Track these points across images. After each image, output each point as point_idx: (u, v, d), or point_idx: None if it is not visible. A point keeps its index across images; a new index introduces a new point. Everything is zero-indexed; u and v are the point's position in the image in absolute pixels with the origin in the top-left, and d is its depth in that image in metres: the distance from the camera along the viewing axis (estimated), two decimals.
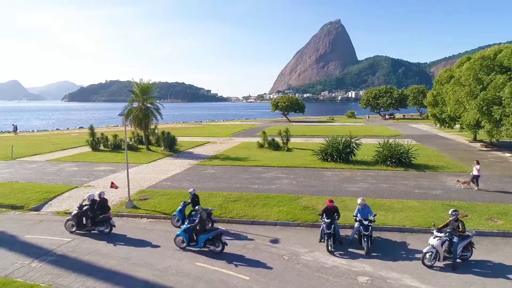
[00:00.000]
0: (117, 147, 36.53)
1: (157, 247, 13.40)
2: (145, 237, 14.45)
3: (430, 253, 11.58)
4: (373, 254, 12.63)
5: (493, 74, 27.88)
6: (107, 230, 14.67)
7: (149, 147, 35.89)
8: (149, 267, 11.81)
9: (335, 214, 13.33)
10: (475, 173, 19.90)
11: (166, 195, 19.31)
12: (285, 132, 36.35)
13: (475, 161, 20.58)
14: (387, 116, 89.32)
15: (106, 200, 15.45)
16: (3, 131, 67.14)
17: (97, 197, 15.21)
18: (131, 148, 35.82)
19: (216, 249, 12.75)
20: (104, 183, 22.36)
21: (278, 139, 36.48)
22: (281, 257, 12.53)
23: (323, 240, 13.33)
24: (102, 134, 38.14)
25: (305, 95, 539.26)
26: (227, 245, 12.82)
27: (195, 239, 12.99)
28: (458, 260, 11.70)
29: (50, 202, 18.94)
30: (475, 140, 40.78)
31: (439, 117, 38.32)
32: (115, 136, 37.40)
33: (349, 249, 13.07)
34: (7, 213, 17.54)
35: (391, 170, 25.41)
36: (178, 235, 13.23)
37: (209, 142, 43.23)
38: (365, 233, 12.63)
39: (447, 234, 11.74)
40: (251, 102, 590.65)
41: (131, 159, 29.89)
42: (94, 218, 14.64)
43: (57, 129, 75.46)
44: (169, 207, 17.50)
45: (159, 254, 12.81)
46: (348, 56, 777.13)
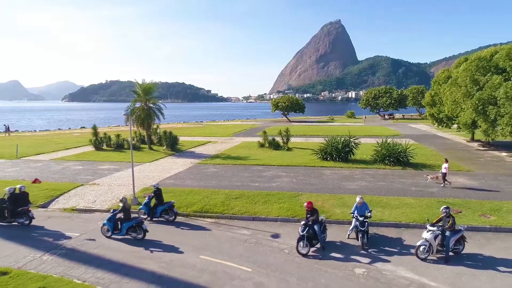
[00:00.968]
0: (119, 147, 37.07)
1: (162, 241, 13.95)
2: (149, 233, 14.96)
3: (423, 246, 12.15)
4: (369, 248, 13.18)
5: (489, 75, 28.44)
6: (27, 222, 15.58)
7: (152, 146, 36.43)
8: (155, 259, 12.37)
9: (310, 215, 13.17)
10: (443, 171, 20.79)
11: (169, 193, 19.83)
12: (285, 131, 36.88)
13: (444, 159, 21.55)
14: (386, 116, 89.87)
15: (26, 193, 16.20)
16: None
17: (17, 191, 16.03)
18: (133, 147, 36.32)
19: (138, 236, 13.84)
20: (109, 181, 22.93)
21: (278, 139, 37.03)
22: (282, 250, 13.08)
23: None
24: (104, 133, 38.72)
25: (305, 95, 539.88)
26: (148, 231, 13.99)
27: (119, 227, 13.99)
28: (450, 253, 12.25)
29: (57, 199, 19.48)
30: (472, 139, 41.31)
31: (437, 117, 38.88)
32: (118, 135, 37.96)
33: (346, 243, 13.61)
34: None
35: (389, 168, 25.96)
36: (104, 224, 14.27)
37: (210, 141, 43.79)
38: (361, 228, 13.10)
39: (439, 228, 12.29)
40: (251, 102, 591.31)
41: (135, 158, 30.39)
42: (13, 210, 15.42)
43: (59, 129, 75.97)
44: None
45: (163, 248, 13.36)
46: (348, 56, 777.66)
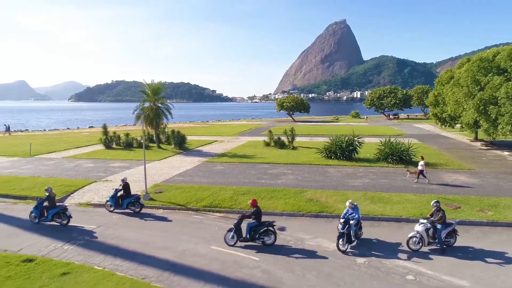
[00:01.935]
0: (129, 145, 38.02)
1: (174, 233, 14.76)
2: (162, 225, 15.83)
3: (414, 238, 12.91)
4: (372, 240, 13.90)
5: (490, 75, 28.97)
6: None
7: (160, 145, 37.34)
8: (169, 249, 13.18)
9: (249, 213, 13.76)
10: (420, 168, 21.82)
11: (179, 189, 20.69)
12: (291, 131, 37.60)
13: (420, 157, 22.94)
14: (391, 116, 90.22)
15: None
16: None
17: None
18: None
19: (62, 221, 15.59)
20: (120, 178, 23.74)
21: (283, 138, 37.76)
22: (287, 242, 13.84)
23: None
24: (114, 132, 39.70)
25: (310, 95, 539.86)
26: (72, 217, 15.70)
27: (46, 214, 15.64)
28: (434, 246, 12.94)
29: (72, 194, 20.41)
30: (476, 139, 41.74)
31: (440, 116, 39.39)
32: (127, 134, 38.92)
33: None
34: (33, 204, 18.98)
35: (392, 167, 26.60)
36: (31, 212, 15.90)
37: (216, 141, 44.64)
38: (341, 230, 13.01)
39: (429, 221, 12.98)
40: (256, 102, 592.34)
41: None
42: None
43: (68, 128, 77.32)
44: (183, 199, 18.87)
45: (177, 239, 14.17)
46: (353, 56, 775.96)
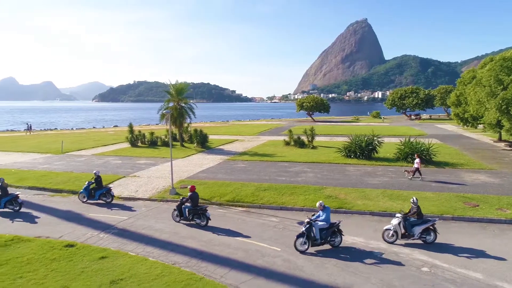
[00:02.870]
0: (153, 144, 39.45)
1: (200, 225, 15.66)
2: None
3: (388, 231, 13.58)
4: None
5: None
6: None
7: (183, 143, 38.58)
8: (196, 239, 14.09)
9: (188, 199, 15.70)
10: (415, 166, 22.61)
11: (203, 184, 21.66)
12: (310, 130, 38.09)
13: (416, 155, 23.90)
14: (413, 116, 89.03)
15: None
16: (17, 130, 71.48)
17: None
18: (166, 144, 38.70)
19: (14, 208, 17.49)
20: (147, 174, 25.05)
21: (303, 138, 38.31)
22: None
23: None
24: (139, 131, 41.25)
25: (330, 95, 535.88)
26: (23, 204, 17.60)
27: None
28: (419, 240, 13.44)
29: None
30: (500, 140, 41.07)
31: (462, 116, 39.02)
32: (152, 133, 40.37)
33: (364, 230, 14.86)
34: (69, 197, 20.40)
35: (411, 166, 26.72)
36: None
37: (237, 140, 45.61)
38: (302, 228, 12.96)
39: (403, 215, 13.58)
40: (276, 102, 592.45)
41: (167, 154, 32.36)
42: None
43: (94, 127, 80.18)
44: (207, 194, 19.80)
45: (202, 230, 15.07)
46: (374, 55, 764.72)
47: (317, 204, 13.57)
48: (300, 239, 12.79)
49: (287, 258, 12.37)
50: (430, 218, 13.87)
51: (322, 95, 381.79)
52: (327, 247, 13.19)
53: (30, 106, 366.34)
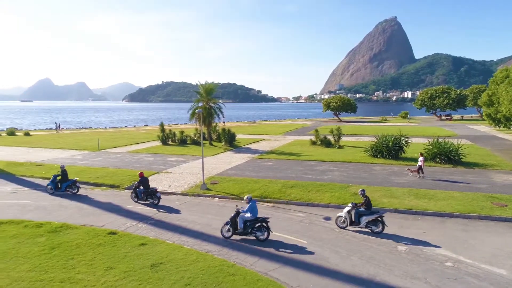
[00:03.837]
0: (183, 142, 40.89)
1: (153, 203, 16.77)
2: (219, 211, 17.70)
3: (340, 218, 15.12)
4: (412, 230, 14.74)
5: None
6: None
7: (212, 142, 39.77)
8: None
9: (139, 184, 18.75)
10: (419, 164, 23.03)
11: (232, 181, 22.59)
12: (337, 130, 38.32)
13: (419, 153, 24.25)
14: (443, 117, 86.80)
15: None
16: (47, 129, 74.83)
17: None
18: (195, 142, 40.13)
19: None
20: (179, 170, 26.26)
21: (329, 137, 38.58)
22: (333, 230, 15.08)
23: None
24: (170, 130, 42.84)
25: (357, 95, 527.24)
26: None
27: None
28: (366, 229, 14.63)
29: None
30: None
31: (494, 117, 38.00)
32: (182, 132, 41.84)
33: (387, 226, 15.24)
34: (107, 190, 21.85)
35: (439, 166, 26.65)
36: None
37: (264, 139, 46.40)
38: (228, 219, 14.09)
39: (353, 205, 14.90)
40: (301, 102, 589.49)
41: (197, 152, 33.91)
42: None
43: (125, 126, 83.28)
44: (236, 190, 20.69)
45: None
46: (404, 54, 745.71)
47: (245, 197, 14.84)
48: (226, 227, 14.08)
49: (314, 250, 13.00)
50: (379, 210, 15.33)
51: (349, 95, 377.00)
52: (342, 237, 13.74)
53: (65, 106, 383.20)
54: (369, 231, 14.56)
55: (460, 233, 14.54)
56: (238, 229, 13.83)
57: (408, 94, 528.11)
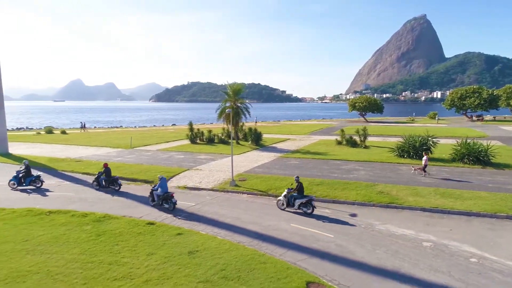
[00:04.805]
0: (210, 141, 42.08)
1: (259, 212, 17.35)
2: (248, 206, 18.53)
3: (279, 201, 17.86)
4: (437, 228, 15.03)
5: None
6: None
7: (238, 141, 40.76)
8: (256, 224, 15.76)
9: (102, 173, 21.67)
10: (423, 163, 23.87)
11: (259, 178, 23.40)
12: (363, 130, 38.41)
13: (424, 153, 25.76)
14: (474, 117, 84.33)
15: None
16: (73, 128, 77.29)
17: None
18: (222, 141, 41.27)
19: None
20: (208, 168, 27.33)
21: (355, 137, 38.71)
22: (359, 225, 15.59)
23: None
24: (198, 129, 44.18)
25: (384, 96, 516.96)
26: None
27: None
28: (298, 210, 17.19)
29: (171, 179, 24.20)
30: None
31: None
32: (210, 131, 43.09)
33: (414, 223, 15.57)
34: (142, 185, 23.14)
35: (467, 167, 26.43)
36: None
37: (289, 139, 46.99)
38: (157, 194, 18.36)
39: (289, 190, 17.61)
40: (326, 102, 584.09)
41: (225, 151, 34.97)
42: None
43: (154, 126, 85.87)
44: (263, 186, 21.47)
45: (261, 217, 16.70)
46: (433, 53, 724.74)
47: (158, 177, 19.13)
48: (150, 199, 18.54)
49: (340, 243, 13.60)
50: (309, 196, 17.50)
51: (375, 95, 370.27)
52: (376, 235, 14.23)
53: (95, 105, 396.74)
54: (302, 212, 17.03)
55: (486, 232, 14.73)
56: (155, 201, 18.19)
57: (437, 94, 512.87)
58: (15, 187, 21.88)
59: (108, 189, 21.60)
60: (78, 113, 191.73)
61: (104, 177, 21.60)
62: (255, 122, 77.72)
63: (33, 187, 22.01)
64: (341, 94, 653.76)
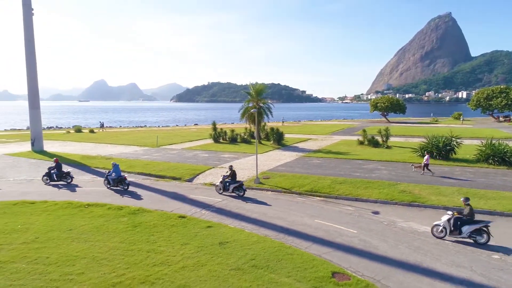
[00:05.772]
0: (233, 140, 43.04)
1: (283, 209, 18.01)
2: (273, 203, 19.22)
3: (217, 186, 20.83)
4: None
5: None
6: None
7: (260, 141, 41.52)
8: (281, 219, 16.44)
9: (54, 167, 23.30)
10: (425, 161, 24.58)
11: (283, 176, 24.06)
12: (385, 130, 38.46)
13: (425, 152, 26.40)
14: (501, 118, 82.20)
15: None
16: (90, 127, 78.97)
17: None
18: (245, 141, 42.13)
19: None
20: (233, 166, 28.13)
21: (377, 138, 38.78)
22: (381, 222, 16.04)
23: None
24: (221, 129, 45.23)
25: (406, 96, 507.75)
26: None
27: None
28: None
29: (197, 176, 25.21)
30: None
31: None
32: (232, 131, 44.06)
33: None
34: (170, 182, 24.20)
35: (492, 168, 26.28)
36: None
37: (310, 139, 47.41)
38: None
39: (223, 177, 20.74)
40: (347, 102, 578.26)
41: (248, 150, 35.79)
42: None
43: (177, 125, 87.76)
44: (287, 184, 22.12)
45: (285, 213, 17.35)
46: (459, 52, 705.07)
47: (112, 163, 22.31)
48: (105, 182, 21.87)
49: (363, 238, 14.12)
50: (240, 181, 20.53)
51: (398, 95, 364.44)
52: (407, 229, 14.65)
53: (118, 105, 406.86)
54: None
55: (509, 230, 14.92)
56: (110, 184, 21.51)
57: (462, 94, 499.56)
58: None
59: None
60: (102, 113, 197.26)
61: (56, 171, 23.12)
62: (282, 122, 78.66)
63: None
64: (362, 94, 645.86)
